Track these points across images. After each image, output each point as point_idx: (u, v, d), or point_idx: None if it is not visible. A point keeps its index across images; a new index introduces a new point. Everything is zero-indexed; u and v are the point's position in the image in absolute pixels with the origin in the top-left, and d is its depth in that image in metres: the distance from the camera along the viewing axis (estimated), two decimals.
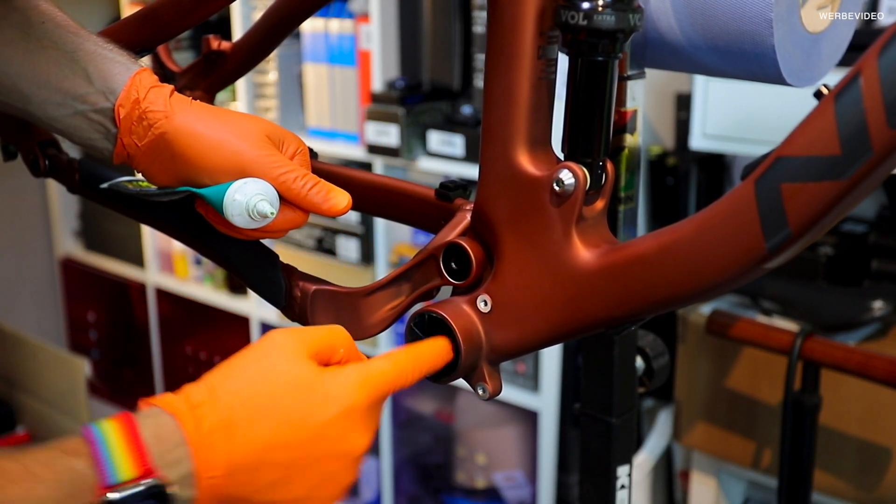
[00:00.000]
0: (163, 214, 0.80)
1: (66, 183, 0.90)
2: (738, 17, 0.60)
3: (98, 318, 2.83)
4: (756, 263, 0.50)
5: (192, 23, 0.76)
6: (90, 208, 2.73)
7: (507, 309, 0.60)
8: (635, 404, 0.81)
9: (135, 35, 0.78)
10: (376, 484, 2.20)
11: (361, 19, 1.90)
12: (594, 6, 0.53)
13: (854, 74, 0.45)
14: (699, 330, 1.47)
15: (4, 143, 0.94)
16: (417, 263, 0.65)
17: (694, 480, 1.64)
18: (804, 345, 1.22)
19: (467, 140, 1.77)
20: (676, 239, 0.52)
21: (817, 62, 0.65)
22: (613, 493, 0.81)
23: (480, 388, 0.63)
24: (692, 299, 0.53)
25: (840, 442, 1.37)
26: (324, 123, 2.02)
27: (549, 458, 1.84)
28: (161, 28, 0.77)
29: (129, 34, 0.79)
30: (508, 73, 0.57)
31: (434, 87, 1.89)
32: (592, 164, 0.57)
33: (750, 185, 0.49)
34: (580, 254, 0.56)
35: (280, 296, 0.71)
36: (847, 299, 1.43)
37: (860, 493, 1.37)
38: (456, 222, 0.65)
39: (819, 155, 0.46)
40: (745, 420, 1.48)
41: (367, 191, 0.76)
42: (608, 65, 0.56)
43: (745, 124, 1.41)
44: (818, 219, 0.47)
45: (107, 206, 0.87)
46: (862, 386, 1.30)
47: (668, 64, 0.68)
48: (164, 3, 0.75)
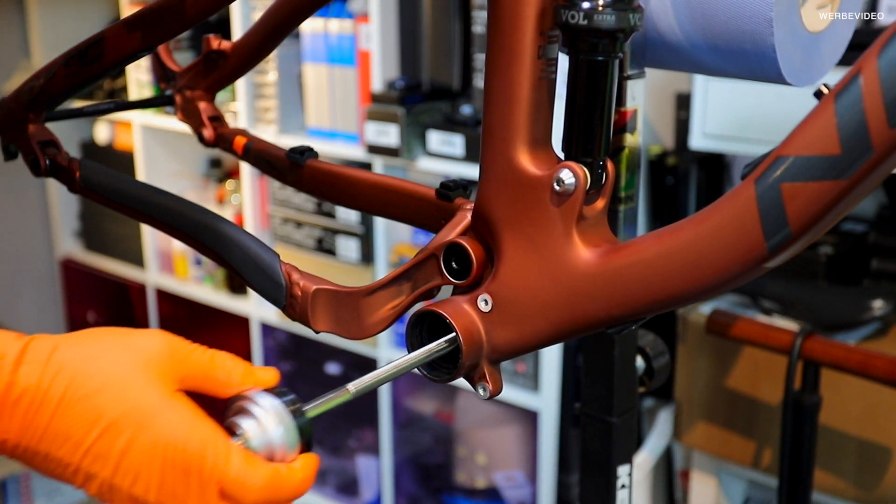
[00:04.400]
0: (163, 214, 0.80)
1: (66, 183, 0.90)
2: (738, 16, 0.60)
3: (98, 319, 2.82)
4: (756, 263, 0.50)
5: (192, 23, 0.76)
6: (90, 208, 2.73)
7: (507, 308, 0.60)
8: (635, 404, 0.81)
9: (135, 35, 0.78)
10: (376, 484, 2.20)
11: (361, 19, 1.90)
12: (594, 6, 0.53)
13: (854, 74, 0.45)
14: (699, 330, 1.48)
15: (5, 142, 0.94)
16: (418, 263, 0.65)
17: (694, 480, 1.64)
18: (804, 344, 1.22)
19: (467, 140, 1.77)
20: (677, 238, 0.52)
21: (817, 62, 0.65)
22: (614, 492, 0.81)
23: (481, 388, 0.63)
24: (692, 299, 0.53)
25: (840, 441, 1.37)
26: (323, 123, 2.02)
27: (550, 458, 1.84)
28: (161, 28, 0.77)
29: (130, 34, 0.79)
30: (509, 73, 0.57)
31: (434, 87, 1.89)
32: (593, 164, 0.57)
33: (750, 185, 0.49)
34: (581, 253, 0.56)
35: (281, 295, 0.71)
36: (847, 299, 1.43)
37: (860, 493, 1.37)
38: (456, 222, 0.65)
39: (819, 154, 0.46)
40: (745, 419, 1.48)
41: (368, 190, 0.76)
42: (608, 64, 0.56)
43: (745, 124, 1.41)
44: (818, 218, 0.47)
45: (107, 205, 0.88)
46: (862, 385, 1.31)
47: (668, 63, 0.68)
48: (164, 3, 0.75)
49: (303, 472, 0.51)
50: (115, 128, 2.66)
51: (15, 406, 0.46)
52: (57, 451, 0.47)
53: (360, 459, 2.24)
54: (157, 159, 2.50)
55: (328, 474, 2.32)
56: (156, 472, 0.48)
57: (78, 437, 0.47)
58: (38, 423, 0.47)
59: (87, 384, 0.47)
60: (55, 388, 0.47)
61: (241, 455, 0.49)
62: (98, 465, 0.48)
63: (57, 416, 0.47)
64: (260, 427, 0.50)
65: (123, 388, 0.48)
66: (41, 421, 0.47)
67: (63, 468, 0.48)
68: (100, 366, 0.48)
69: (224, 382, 0.53)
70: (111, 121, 2.64)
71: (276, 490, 0.50)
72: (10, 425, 0.47)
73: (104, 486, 0.48)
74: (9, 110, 0.91)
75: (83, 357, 0.48)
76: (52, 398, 0.47)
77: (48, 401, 0.47)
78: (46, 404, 0.47)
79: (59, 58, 0.84)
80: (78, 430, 0.47)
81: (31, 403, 0.47)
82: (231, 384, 0.53)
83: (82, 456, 0.48)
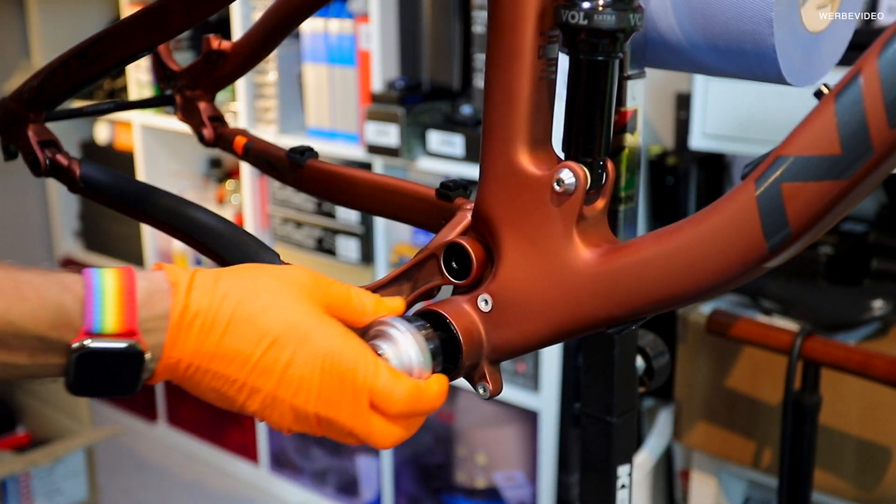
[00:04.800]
0: (163, 214, 0.80)
1: (66, 182, 0.90)
2: (738, 16, 0.60)
3: None
4: (756, 263, 0.50)
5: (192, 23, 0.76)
6: (90, 208, 2.73)
7: (507, 308, 0.60)
8: (635, 404, 0.81)
9: (135, 35, 0.78)
10: (376, 484, 2.20)
11: (361, 19, 1.90)
12: (594, 6, 0.53)
13: (854, 74, 0.45)
14: (699, 330, 1.48)
15: (5, 142, 0.94)
16: (418, 263, 0.65)
17: (694, 480, 1.64)
18: (804, 344, 1.22)
19: (467, 140, 1.77)
20: (677, 238, 0.52)
21: (817, 62, 0.65)
22: (614, 492, 0.81)
23: (481, 388, 0.63)
24: (692, 298, 0.53)
25: (840, 441, 1.37)
26: (323, 123, 2.02)
27: (550, 458, 1.84)
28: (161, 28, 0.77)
29: (130, 34, 0.79)
30: (509, 73, 0.57)
31: (434, 87, 1.89)
32: (593, 164, 0.57)
33: (750, 185, 0.49)
34: (581, 253, 0.56)
35: None
36: (847, 299, 1.43)
37: (860, 493, 1.37)
38: (456, 222, 0.65)
39: (819, 154, 0.46)
40: (745, 419, 1.48)
41: (368, 190, 0.76)
42: (609, 64, 0.56)
43: (745, 124, 1.41)
44: (819, 218, 0.47)
45: (107, 205, 0.88)
46: (862, 385, 1.31)
47: (668, 63, 0.68)
48: (164, 3, 0.75)
49: (438, 387, 0.57)
50: (115, 128, 2.66)
51: (189, 327, 0.51)
52: (226, 368, 0.52)
53: (360, 459, 2.24)
54: (157, 159, 2.50)
55: (328, 474, 2.32)
56: (315, 383, 0.52)
57: (246, 353, 0.51)
58: (210, 342, 0.51)
59: (251, 306, 0.52)
60: (224, 310, 0.51)
61: (387, 369, 0.54)
62: (263, 378, 0.52)
63: (227, 335, 0.51)
64: (399, 349, 0.56)
65: (283, 308, 0.52)
66: (212, 340, 0.51)
67: (229, 385, 0.52)
68: (259, 291, 0.53)
69: (360, 311, 0.58)
70: (111, 121, 2.64)
71: (417, 402, 0.55)
72: (186, 345, 0.51)
73: (267, 398, 0.53)
74: (9, 110, 0.91)
75: (244, 284, 0.53)
76: (222, 319, 0.51)
77: (218, 322, 0.51)
78: (217, 325, 0.51)
79: (59, 58, 0.84)
80: (246, 346, 0.51)
81: (203, 325, 0.51)
82: (366, 312, 0.58)
83: (249, 371, 0.52)
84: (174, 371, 0.52)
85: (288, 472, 2.39)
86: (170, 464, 2.59)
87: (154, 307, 0.51)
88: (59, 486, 2.13)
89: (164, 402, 2.66)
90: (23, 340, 0.48)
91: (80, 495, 2.18)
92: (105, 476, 2.41)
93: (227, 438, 2.52)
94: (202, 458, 2.59)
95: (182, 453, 2.63)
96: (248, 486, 2.46)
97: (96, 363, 0.49)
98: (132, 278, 0.51)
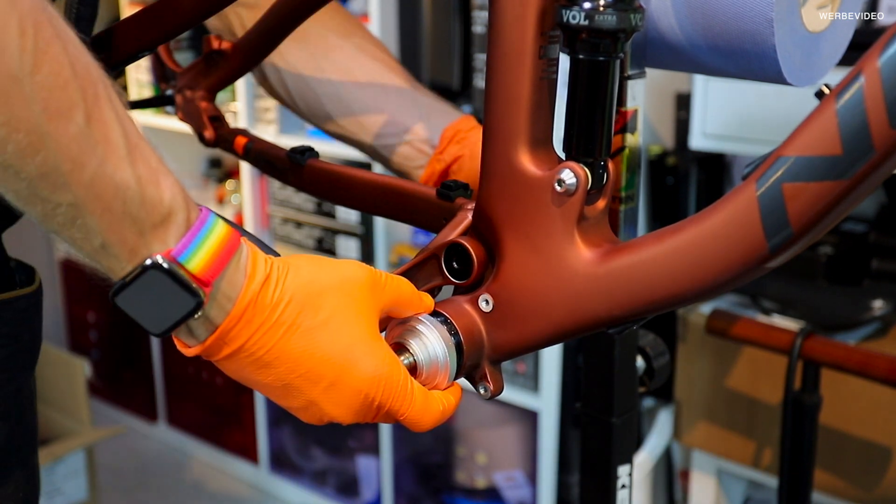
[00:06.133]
0: None
1: None
2: (738, 16, 0.60)
3: (98, 319, 2.83)
4: (757, 263, 0.50)
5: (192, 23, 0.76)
6: None
7: (508, 308, 0.60)
8: (636, 404, 0.81)
9: (135, 35, 0.78)
10: (376, 484, 2.20)
11: (361, 19, 1.90)
12: (595, 6, 0.53)
13: (855, 74, 0.45)
14: (699, 330, 1.48)
15: None
16: (419, 263, 0.65)
17: (694, 480, 1.64)
18: (804, 344, 1.22)
19: None
20: (678, 238, 0.53)
21: (817, 62, 0.65)
22: (614, 492, 0.81)
23: (482, 388, 0.63)
24: (693, 299, 0.53)
25: (840, 441, 1.37)
26: None
27: (550, 458, 1.84)
28: (161, 28, 0.77)
29: (130, 34, 0.79)
30: (510, 73, 0.57)
31: (434, 87, 1.89)
32: (594, 164, 0.57)
33: (751, 185, 0.49)
34: (582, 253, 0.56)
35: None
36: (847, 299, 1.43)
37: (860, 493, 1.37)
38: (457, 222, 0.65)
39: (820, 155, 0.46)
40: (746, 419, 1.48)
41: (369, 190, 0.76)
42: (609, 65, 0.56)
43: (745, 124, 1.41)
44: (819, 218, 0.47)
45: None
46: (862, 385, 1.31)
47: (668, 63, 0.68)
48: (164, 3, 0.75)
49: (456, 400, 0.61)
50: None
51: (248, 324, 0.52)
52: (277, 367, 0.54)
53: (360, 459, 2.24)
54: None
55: (328, 474, 2.32)
56: (355, 404, 0.56)
57: (297, 361, 0.54)
58: (268, 340, 0.53)
59: (312, 319, 0.54)
60: (286, 315, 0.53)
61: (421, 399, 0.58)
62: (307, 386, 0.55)
63: (283, 338, 0.53)
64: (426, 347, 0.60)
65: (341, 329, 0.55)
66: (270, 339, 0.53)
67: (273, 377, 0.54)
68: (321, 304, 0.55)
69: (415, 306, 0.61)
70: None
71: (439, 422, 0.60)
72: (242, 332, 0.52)
73: (304, 402, 0.56)
74: None
75: (310, 290, 0.54)
76: (283, 323, 0.53)
77: (279, 324, 0.53)
78: (277, 327, 0.53)
79: None
80: (299, 355, 0.54)
81: (265, 322, 0.52)
82: (411, 308, 0.61)
83: (296, 377, 0.54)
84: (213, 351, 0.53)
85: (288, 472, 2.39)
86: (170, 464, 2.59)
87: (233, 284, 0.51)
88: (59, 486, 2.13)
89: (164, 402, 2.66)
90: (123, 219, 0.48)
91: (80, 495, 2.18)
92: (105, 476, 2.41)
93: (227, 438, 2.52)
94: (202, 458, 2.59)
95: (182, 453, 2.63)
96: (248, 486, 2.46)
97: (157, 286, 0.49)
98: (236, 242, 0.52)
